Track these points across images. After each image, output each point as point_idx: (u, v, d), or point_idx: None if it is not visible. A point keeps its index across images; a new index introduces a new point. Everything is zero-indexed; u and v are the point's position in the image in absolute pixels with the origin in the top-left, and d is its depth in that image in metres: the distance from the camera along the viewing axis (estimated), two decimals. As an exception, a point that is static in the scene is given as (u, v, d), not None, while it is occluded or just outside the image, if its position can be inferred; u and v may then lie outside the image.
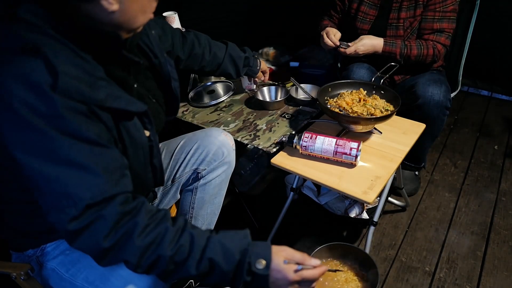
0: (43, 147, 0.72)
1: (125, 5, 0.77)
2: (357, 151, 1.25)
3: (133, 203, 0.80)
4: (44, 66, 0.70)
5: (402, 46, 1.72)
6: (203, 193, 1.34)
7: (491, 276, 1.60)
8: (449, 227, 1.83)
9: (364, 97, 1.47)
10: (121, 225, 0.76)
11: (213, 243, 0.82)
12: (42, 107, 0.70)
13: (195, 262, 0.80)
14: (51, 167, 0.72)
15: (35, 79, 0.70)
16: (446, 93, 1.68)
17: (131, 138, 0.87)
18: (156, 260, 0.78)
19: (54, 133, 0.71)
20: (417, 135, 1.45)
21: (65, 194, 0.73)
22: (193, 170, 1.31)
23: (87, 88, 0.75)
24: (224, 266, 0.81)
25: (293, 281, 0.85)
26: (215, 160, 1.30)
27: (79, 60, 0.77)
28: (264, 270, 0.82)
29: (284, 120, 1.63)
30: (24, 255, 1.00)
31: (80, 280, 0.92)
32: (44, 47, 0.72)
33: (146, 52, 1.05)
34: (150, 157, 0.95)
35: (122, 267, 0.86)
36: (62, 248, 0.98)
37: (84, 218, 0.74)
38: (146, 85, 1.05)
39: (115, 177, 0.78)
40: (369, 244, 1.44)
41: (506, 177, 2.13)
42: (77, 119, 0.73)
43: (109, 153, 0.78)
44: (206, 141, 1.30)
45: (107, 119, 0.79)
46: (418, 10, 1.72)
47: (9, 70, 0.70)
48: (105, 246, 0.75)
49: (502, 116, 2.68)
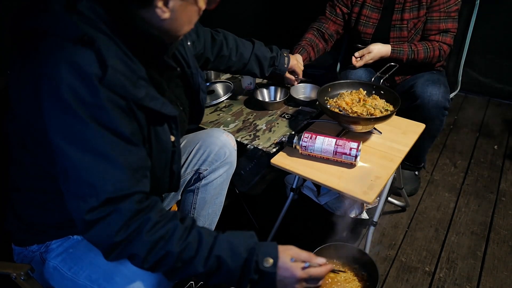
0: (78, 134, 0.75)
1: (176, 14, 0.82)
2: (357, 151, 1.25)
3: (147, 202, 0.82)
4: (95, 57, 0.74)
5: (409, 52, 1.72)
6: (205, 193, 1.35)
7: (491, 276, 1.60)
8: (449, 227, 1.83)
9: (364, 97, 1.47)
10: (133, 221, 0.78)
11: (220, 241, 0.84)
12: (86, 95, 0.73)
13: (202, 259, 0.81)
14: (81, 154, 0.75)
15: (85, 68, 0.73)
16: (445, 93, 1.68)
17: (158, 141, 0.89)
18: (164, 256, 0.80)
19: (92, 122, 0.74)
20: (417, 135, 1.45)
21: (89, 183, 0.75)
22: (194, 170, 1.31)
23: (130, 85, 0.78)
24: (231, 264, 0.82)
25: (301, 278, 0.86)
26: (216, 161, 1.31)
27: (126, 58, 0.80)
28: (272, 268, 0.83)
29: (284, 120, 1.63)
30: (27, 250, 1.00)
31: (83, 278, 0.92)
32: (98, 40, 0.75)
33: (180, 61, 1.07)
34: (171, 162, 0.97)
35: (125, 266, 0.87)
36: (66, 245, 0.98)
37: (101, 210, 0.76)
38: (175, 92, 1.07)
39: (138, 176, 0.81)
40: (369, 244, 1.44)
41: (506, 177, 2.13)
42: (116, 112, 0.76)
43: (137, 152, 0.81)
44: (208, 141, 1.30)
45: (141, 117, 0.82)
46: (421, 11, 1.72)
47: (63, 56, 0.73)
48: (116, 240, 0.77)
49: (502, 116, 2.69)
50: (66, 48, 0.74)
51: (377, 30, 1.80)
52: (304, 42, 1.84)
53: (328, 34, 1.88)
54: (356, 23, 1.83)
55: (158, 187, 0.99)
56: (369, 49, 1.74)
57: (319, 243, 1.23)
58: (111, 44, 0.78)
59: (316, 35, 1.88)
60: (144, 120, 0.84)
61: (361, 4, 1.80)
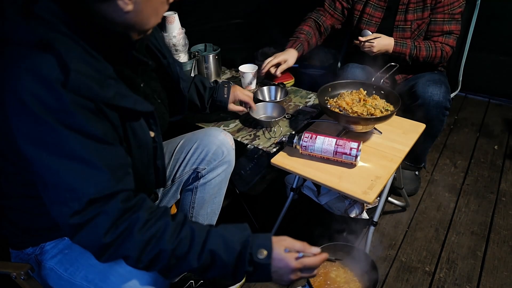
0: (50, 141, 0.73)
1: (140, 6, 0.79)
2: (357, 151, 1.25)
3: (134, 200, 0.81)
4: (56, 62, 0.72)
5: (412, 47, 1.72)
6: (203, 192, 1.34)
7: (491, 276, 1.60)
8: (449, 227, 1.83)
9: (364, 97, 1.47)
10: (122, 221, 0.77)
11: (213, 235, 0.83)
12: (51, 102, 0.72)
13: (196, 254, 0.80)
14: (57, 161, 0.74)
15: (46, 74, 0.71)
16: (445, 93, 1.68)
17: (136, 138, 0.88)
18: (158, 255, 0.79)
19: (61, 128, 0.73)
20: (417, 135, 1.45)
21: (69, 187, 0.74)
22: (193, 169, 1.31)
23: (97, 86, 0.76)
24: (225, 258, 0.82)
25: (295, 268, 0.86)
26: (215, 160, 1.30)
27: (90, 58, 0.78)
28: (266, 259, 0.83)
29: (284, 120, 1.63)
30: (23, 253, 1.00)
31: (79, 279, 0.92)
32: (57, 43, 0.73)
33: (154, 53, 1.06)
34: (154, 158, 0.96)
35: (121, 265, 0.86)
36: (61, 247, 0.98)
37: (86, 212, 0.75)
38: (151, 85, 1.06)
39: (119, 174, 0.79)
40: (369, 244, 1.44)
41: (506, 177, 2.13)
42: (84, 115, 0.74)
43: (113, 150, 0.80)
44: (206, 140, 1.30)
45: (114, 117, 0.80)
46: (425, 12, 1.71)
47: (22, 64, 0.72)
48: (105, 242, 0.76)
49: (502, 116, 2.69)
50: (24, 55, 0.72)
51: (380, 30, 1.79)
52: (302, 36, 1.83)
53: (324, 27, 1.88)
54: (358, 21, 1.82)
55: (145, 185, 0.98)
56: (376, 35, 1.72)
57: (319, 243, 1.23)
58: (73, 46, 0.76)
59: (313, 27, 1.87)
60: (117, 120, 0.82)
61: (365, 2, 1.79)
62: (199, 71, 1.91)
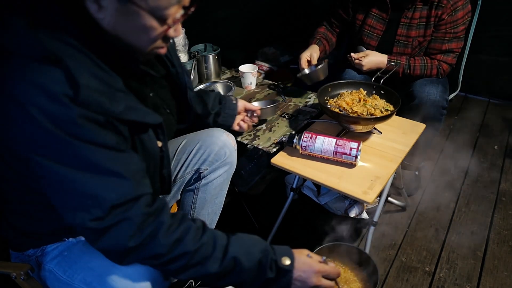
0: (65, 154, 0.73)
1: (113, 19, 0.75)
2: (357, 151, 1.25)
3: (156, 204, 0.82)
4: (64, 77, 0.71)
5: (406, 66, 1.71)
6: (205, 193, 1.35)
7: (491, 276, 1.60)
8: (449, 227, 1.83)
9: (364, 97, 1.47)
10: (146, 225, 0.78)
11: (234, 241, 0.86)
12: (60, 115, 0.71)
13: (218, 260, 0.83)
14: (75, 172, 0.74)
15: (55, 89, 0.70)
16: (442, 93, 1.68)
17: (144, 149, 0.88)
18: (181, 257, 0.81)
19: (74, 140, 0.72)
20: (417, 135, 1.45)
21: (89, 195, 0.74)
22: (195, 170, 1.31)
23: (107, 100, 0.75)
24: (246, 264, 0.84)
25: (319, 271, 0.89)
26: (217, 160, 1.30)
27: (99, 70, 0.77)
28: (290, 266, 0.86)
29: (284, 120, 1.63)
30: (24, 255, 1.00)
31: (78, 281, 0.92)
32: (66, 57, 0.72)
33: (163, 61, 1.04)
34: (160, 167, 0.97)
35: (119, 268, 0.87)
36: (61, 248, 0.97)
37: (109, 218, 0.76)
38: (161, 94, 1.05)
39: (137, 178, 0.80)
40: (369, 244, 1.44)
41: (506, 177, 2.13)
42: (93, 127, 0.74)
43: (128, 156, 0.80)
44: (208, 141, 1.30)
45: (123, 130, 0.81)
46: (428, 30, 1.69)
47: (30, 78, 0.70)
48: (130, 246, 0.77)
49: (502, 116, 2.69)
50: (31, 68, 0.71)
51: (381, 43, 1.77)
52: (319, 36, 1.89)
53: (336, 32, 1.95)
54: (359, 31, 1.80)
55: None
56: (366, 52, 1.73)
57: (319, 243, 1.23)
58: (81, 58, 0.75)
59: (329, 29, 1.94)
60: (127, 132, 0.82)
61: (366, 12, 1.77)
62: (199, 71, 1.91)
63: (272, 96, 1.83)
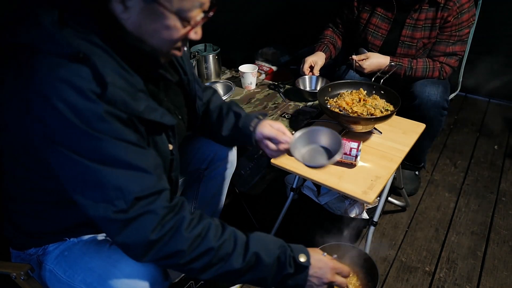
0: (90, 148, 0.74)
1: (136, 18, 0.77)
2: (357, 151, 1.25)
3: (176, 200, 0.84)
4: (92, 74, 0.73)
5: (408, 68, 1.71)
6: (205, 192, 1.35)
7: (491, 276, 1.60)
8: (449, 227, 1.83)
9: (364, 97, 1.47)
10: (168, 219, 0.79)
11: (254, 238, 0.88)
12: (85, 110, 0.72)
13: (240, 256, 0.85)
14: (99, 165, 0.75)
15: (82, 85, 0.72)
16: (443, 93, 1.68)
17: (157, 150, 0.89)
18: (204, 253, 0.82)
19: (99, 134, 0.74)
20: (417, 135, 1.45)
21: (114, 186, 0.75)
22: (195, 169, 1.32)
23: (130, 99, 0.77)
24: (266, 260, 0.86)
25: (334, 267, 0.94)
26: (217, 160, 1.31)
27: (123, 71, 0.79)
28: (307, 262, 0.90)
29: (284, 120, 1.63)
30: (25, 254, 1.00)
31: (78, 282, 0.92)
32: (93, 56, 0.74)
33: (176, 68, 1.05)
34: (169, 170, 0.97)
35: (119, 269, 0.87)
36: (62, 248, 0.97)
37: (133, 210, 0.76)
38: (175, 101, 1.06)
39: (158, 173, 0.82)
40: (369, 244, 1.44)
41: (506, 177, 2.13)
42: (118, 124, 0.76)
43: (149, 152, 0.82)
44: (209, 140, 1.30)
45: (142, 129, 0.82)
46: (433, 32, 1.68)
47: (57, 74, 0.72)
48: (152, 238, 0.77)
49: (502, 116, 2.69)
50: (60, 66, 0.72)
51: (385, 43, 1.76)
52: (326, 40, 1.89)
53: (341, 32, 1.95)
54: (363, 30, 1.79)
55: None
56: (367, 54, 1.73)
57: (319, 243, 1.23)
58: (108, 59, 0.77)
59: (335, 31, 1.94)
60: (144, 132, 0.84)
61: (371, 12, 1.76)
62: (199, 71, 1.91)
63: (273, 96, 1.83)
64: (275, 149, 1.12)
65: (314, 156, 1.10)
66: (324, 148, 1.11)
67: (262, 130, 1.12)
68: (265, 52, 2.58)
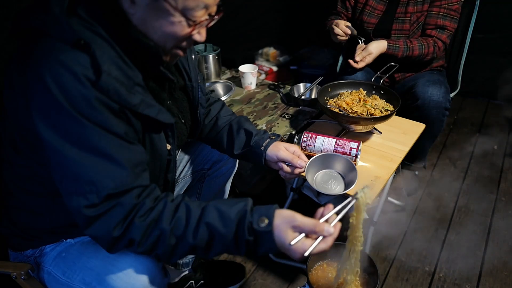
0: (74, 132, 0.75)
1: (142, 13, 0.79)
2: (357, 151, 1.25)
3: (144, 193, 0.82)
4: (90, 62, 0.75)
5: (405, 48, 1.73)
6: (207, 192, 1.35)
7: (490, 276, 1.60)
8: (449, 227, 1.84)
9: (364, 97, 1.47)
10: (132, 214, 0.79)
11: (208, 209, 0.82)
12: (76, 94, 0.74)
13: (192, 230, 0.80)
14: (79, 152, 0.76)
15: (78, 70, 0.74)
16: (445, 94, 1.68)
17: (153, 148, 0.89)
18: (158, 236, 0.79)
19: (84, 120, 0.75)
20: (417, 135, 1.45)
21: (88, 180, 0.76)
22: (198, 170, 1.32)
23: (125, 91, 0.78)
24: (223, 230, 0.80)
25: (293, 227, 0.83)
26: (220, 160, 1.31)
27: (123, 63, 0.80)
28: (266, 227, 0.79)
29: (284, 120, 1.63)
30: (22, 255, 1.00)
31: (77, 282, 0.92)
32: (94, 44, 0.76)
33: (182, 73, 1.06)
34: (166, 171, 0.97)
35: (118, 267, 0.87)
36: (59, 249, 0.98)
37: (102, 206, 0.77)
38: (180, 106, 1.06)
39: (137, 170, 0.81)
40: (369, 244, 1.44)
41: (506, 177, 2.14)
42: (107, 113, 0.77)
43: (133, 148, 0.82)
44: None
45: (136, 124, 0.83)
46: (425, 5, 1.74)
47: (56, 58, 0.74)
48: (115, 235, 0.78)
49: (501, 116, 2.69)
50: (61, 50, 0.74)
51: (380, 21, 1.80)
52: (333, 19, 1.88)
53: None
54: (360, 12, 1.84)
55: None
56: (368, 50, 1.73)
57: (319, 243, 1.23)
58: (108, 49, 0.78)
59: (337, 18, 1.92)
60: (139, 127, 0.84)
61: None
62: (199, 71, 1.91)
63: (273, 96, 1.83)
64: (290, 172, 1.13)
65: (326, 181, 1.18)
66: (338, 174, 1.20)
67: (278, 153, 1.12)
68: (265, 52, 2.59)
